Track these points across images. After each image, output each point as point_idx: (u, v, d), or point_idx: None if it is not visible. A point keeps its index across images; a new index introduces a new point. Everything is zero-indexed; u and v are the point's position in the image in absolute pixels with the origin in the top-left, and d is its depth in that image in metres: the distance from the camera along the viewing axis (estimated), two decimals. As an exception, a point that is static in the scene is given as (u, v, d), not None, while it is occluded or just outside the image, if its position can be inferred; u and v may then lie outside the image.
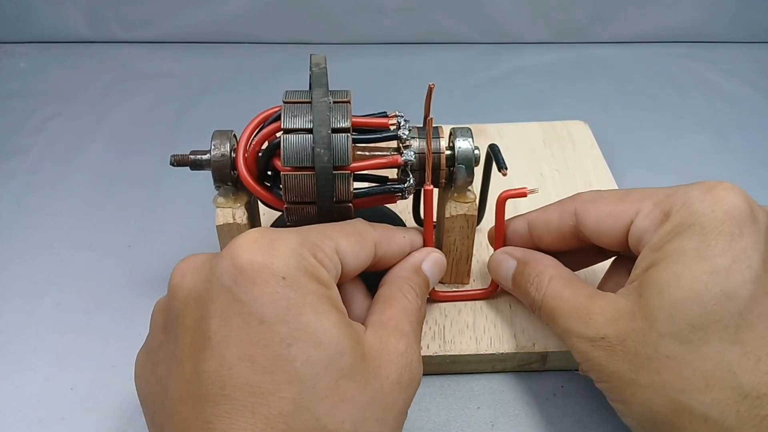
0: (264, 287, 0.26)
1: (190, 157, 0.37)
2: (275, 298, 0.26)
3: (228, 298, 0.26)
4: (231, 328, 0.26)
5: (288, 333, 0.26)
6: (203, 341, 0.26)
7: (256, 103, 0.38)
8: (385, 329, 0.30)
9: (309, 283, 0.27)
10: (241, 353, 0.25)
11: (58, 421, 0.37)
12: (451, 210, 0.38)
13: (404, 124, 0.36)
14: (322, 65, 0.36)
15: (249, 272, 0.26)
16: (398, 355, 0.29)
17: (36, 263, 0.47)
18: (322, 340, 0.26)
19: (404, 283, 0.33)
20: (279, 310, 0.26)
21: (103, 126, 0.61)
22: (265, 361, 0.25)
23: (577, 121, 0.56)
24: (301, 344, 0.26)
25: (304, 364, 0.25)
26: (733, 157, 0.57)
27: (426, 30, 0.71)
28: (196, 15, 0.70)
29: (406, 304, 0.32)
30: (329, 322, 0.26)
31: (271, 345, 0.25)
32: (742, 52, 0.71)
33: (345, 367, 0.26)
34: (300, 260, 0.27)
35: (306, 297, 0.26)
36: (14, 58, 0.70)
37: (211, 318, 0.26)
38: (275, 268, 0.26)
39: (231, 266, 0.26)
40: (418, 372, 0.30)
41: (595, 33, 0.72)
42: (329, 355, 0.26)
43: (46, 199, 0.52)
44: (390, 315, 0.31)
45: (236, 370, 0.25)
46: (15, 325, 0.43)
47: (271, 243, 0.27)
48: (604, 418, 0.37)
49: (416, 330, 0.31)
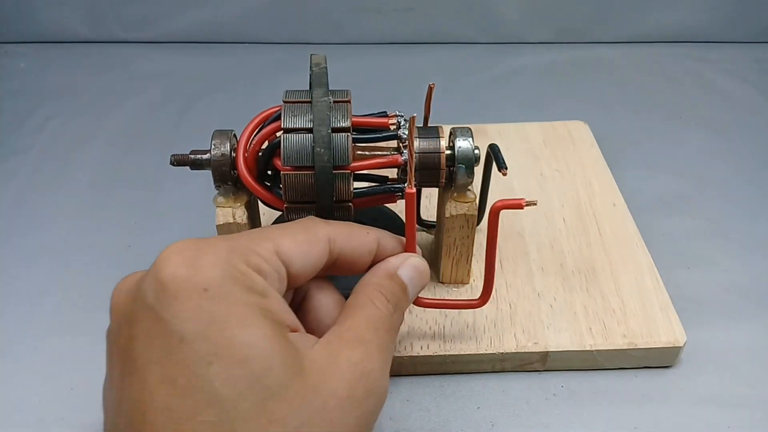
0: (184, 302, 0.24)
1: (190, 156, 0.37)
2: (196, 313, 0.24)
3: (151, 317, 0.24)
4: (153, 349, 0.24)
5: (208, 350, 0.23)
6: (130, 365, 0.25)
7: (256, 103, 0.38)
8: (339, 340, 0.27)
9: (237, 293, 0.25)
10: (162, 375, 0.24)
11: (58, 421, 0.37)
12: (451, 210, 0.38)
13: (404, 123, 0.36)
14: (322, 65, 0.36)
15: (170, 287, 0.24)
16: (351, 365, 0.26)
17: (36, 263, 0.47)
18: (247, 355, 0.24)
19: (373, 289, 0.30)
20: (200, 325, 0.24)
21: (103, 126, 0.61)
22: (184, 382, 0.23)
23: (577, 121, 0.56)
24: (223, 362, 0.23)
25: (225, 384, 0.23)
26: (733, 157, 0.57)
27: (426, 30, 0.71)
28: (196, 15, 0.70)
29: (372, 312, 0.29)
30: (257, 336, 0.24)
31: (190, 365, 0.23)
32: (742, 52, 0.71)
33: (273, 385, 0.24)
34: (227, 269, 0.25)
35: (232, 309, 0.24)
36: (14, 58, 0.70)
37: (136, 339, 0.25)
38: (197, 280, 0.24)
39: (154, 283, 0.25)
40: (380, 384, 0.27)
41: (595, 33, 0.72)
42: (254, 373, 0.24)
43: (46, 199, 0.52)
44: (350, 324, 0.28)
45: (156, 394, 0.23)
46: (15, 325, 0.43)
47: (196, 253, 0.25)
48: (604, 418, 0.37)
49: (382, 339, 0.28)
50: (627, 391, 0.38)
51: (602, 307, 0.40)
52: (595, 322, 0.39)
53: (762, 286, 0.45)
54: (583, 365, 0.39)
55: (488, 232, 0.34)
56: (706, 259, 0.47)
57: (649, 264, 0.43)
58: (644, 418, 0.37)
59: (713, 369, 0.39)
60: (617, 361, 0.39)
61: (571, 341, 0.38)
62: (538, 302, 0.41)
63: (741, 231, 0.49)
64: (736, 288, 0.44)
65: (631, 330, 0.39)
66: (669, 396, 0.38)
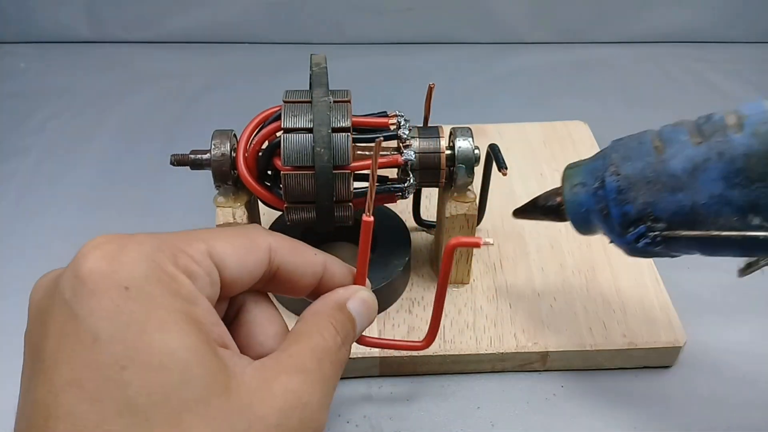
0: (102, 300, 0.22)
1: (190, 156, 0.37)
2: (113, 312, 0.22)
3: (66, 314, 0.23)
4: (64, 348, 0.22)
5: (123, 353, 0.21)
6: (38, 364, 0.23)
7: (256, 103, 0.38)
8: (277, 365, 0.25)
9: (160, 295, 0.23)
10: (70, 377, 0.22)
11: (58, 420, 0.37)
12: (451, 210, 0.38)
13: (404, 123, 0.36)
14: (323, 65, 0.36)
15: (89, 283, 0.22)
16: (285, 392, 0.24)
17: (36, 263, 0.47)
18: (165, 363, 0.22)
19: (323, 319, 0.28)
20: (117, 326, 0.22)
21: (103, 126, 0.61)
22: (93, 386, 0.21)
23: (577, 121, 0.56)
24: (138, 368, 0.21)
25: (139, 392, 0.21)
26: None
27: (426, 30, 0.71)
28: (196, 15, 0.70)
29: (318, 342, 0.27)
30: (178, 344, 0.22)
31: (102, 368, 0.21)
32: (742, 52, 0.71)
33: (192, 398, 0.22)
34: (152, 267, 0.23)
35: (153, 312, 0.22)
36: (14, 58, 0.70)
37: (48, 337, 0.23)
38: (118, 277, 0.23)
39: (72, 277, 0.23)
40: (316, 418, 0.25)
41: (595, 33, 0.72)
42: (171, 383, 0.22)
43: (46, 199, 0.52)
44: (293, 352, 0.26)
45: (62, 398, 0.21)
46: (15, 325, 0.42)
47: (119, 248, 0.24)
48: (604, 418, 0.37)
49: (324, 371, 0.26)
50: (627, 391, 0.38)
51: (602, 307, 0.40)
52: (595, 322, 0.39)
53: (762, 286, 0.45)
54: (583, 365, 0.39)
55: (441, 270, 0.30)
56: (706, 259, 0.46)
57: (649, 264, 0.43)
58: (644, 418, 0.37)
59: (713, 369, 0.39)
60: (617, 361, 0.39)
61: (571, 341, 0.38)
62: (538, 302, 0.41)
63: (741, 231, 0.49)
64: (736, 288, 0.44)
65: (631, 330, 0.39)
66: (669, 396, 0.38)
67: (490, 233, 0.45)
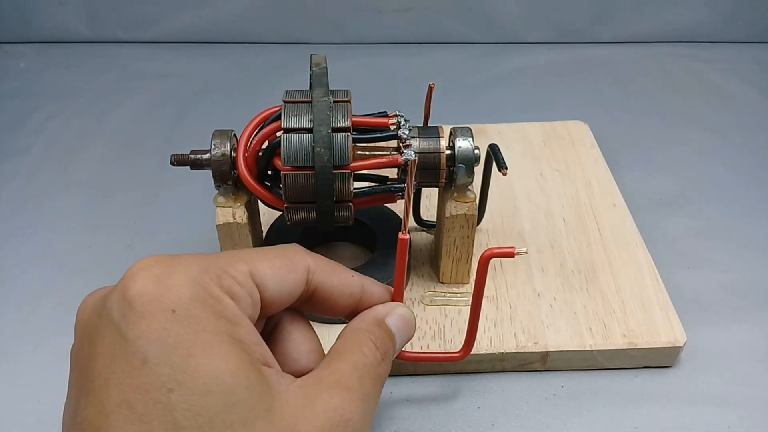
0: (151, 323, 0.23)
1: (190, 156, 0.37)
2: (161, 335, 0.23)
3: (114, 336, 0.23)
4: (114, 370, 0.23)
5: (170, 376, 0.22)
6: (88, 384, 0.23)
7: (256, 103, 0.38)
8: (319, 384, 0.25)
9: (205, 318, 0.23)
10: (120, 399, 0.22)
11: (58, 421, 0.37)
12: (451, 210, 0.38)
13: (404, 123, 0.36)
14: (323, 65, 0.36)
15: (137, 306, 0.23)
16: (328, 410, 0.24)
17: (36, 263, 0.47)
18: (210, 387, 0.22)
19: (363, 335, 0.28)
20: (164, 349, 0.22)
21: (103, 126, 0.61)
22: (142, 408, 0.22)
23: (577, 121, 0.56)
24: (184, 390, 0.22)
25: (185, 415, 0.22)
26: (733, 158, 0.57)
27: (426, 30, 0.71)
28: (196, 15, 0.70)
29: (359, 358, 0.27)
30: (223, 366, 0.23)
31: (151, 390, 0.22)
32: (742, 52, 0.71)
33: (237, 421, 0.22)
34: (197, 290, 0.24)
35: (198, 335, 0.23)
36: (14, 58, 0.70)
37: (97, 358, 0.23)
38: (165, 300, 0.23)
39: (121, 300, 0.24)
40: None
41: (595, 33, 0.72)
42: (216, 406, 0.22)
43: (46, 199, 0.52)
44: (334, 369, 0.26)
45: (112, 418, 0.22)
46: (15, 325, 0.43)
47: (166, 271, 0.24)
48: (604, 418, 0.37)
49: (366, 388, 0.26)
50: (627, 391, 0.38)
51: (602, 307, 0.40)
52: (595, 322, 0.39)
53: (762, 286, 0.45)
54: (583, 365, 0.39)
55: (476, 282, 0.31)
56: (706, 259, 0.47)
57: (649, 264, 0.43)
58: (644, 418, 0.37)
59: (713, 369, 0.39)
60: (617, 361, 0.39)
61: (571, 341, 0.38)
62: (538, 302, 0.41)
63: (741, 231, 0.49)
64: (736, 288, 0.44)
65: (631, 330, 0.39)
66: (669, 396, 0.38)
67: (490, 233, 0.45)
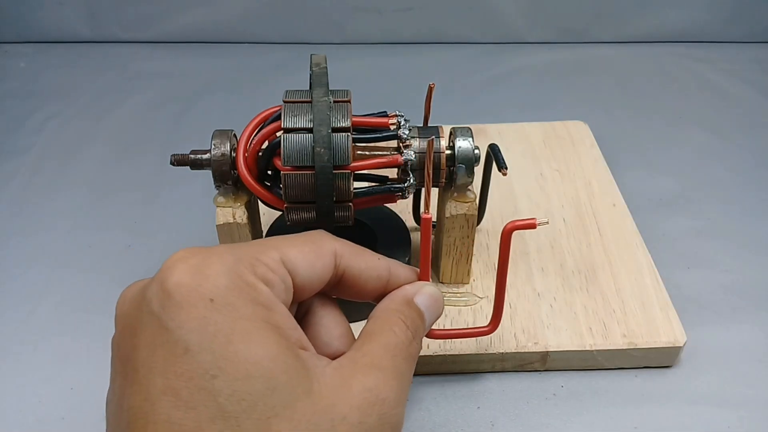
0: (190, 312, 0.24)
1: (190, 156, 0.37)
2: (201, 324, 0.24)
3: (156, 326, 0.24)
4: (156, 359, 0.24)
5: (212, 363, 0.23)
6: (132, 374, 0.24)
7: (256, 103, 0.38)
8: (354, 365, 0.26)
9: (243, 305, 0.24)
10: (164, 386, 0.23)
11: (58, 421, 0.37)
12: (451, 210, 0.38)
13: (404, 123, 0.36)
14: (323, 65, 0.36)
15: (176, 296, 0.24)
16: (363, 391, 0.25)
17: (36, 263, 0.47)
18: (251, 372, 0.23)
19: (393, 315, 0.29)
20: (205, 337, 0.23)
21: (103, 126, 0.61)
22: (187, 394, 0.23)
23: (577, 121, 0.56)
24: (227, 376, 0.23)
25: (229, 399, 0.23)
26: (733, 157, 0.57)
27: (426, 30, 0.71)
28: (196, 15, 0.70)
29: (390, 338, 0.28)
30: (262, 352, 0.24)
31: (194, 377, 0.23)
32: (742, 52, 0.71)
33: (279, 404, 0.23)
34: (234, 279, 0.25)
35: (237, 322, 0.24)
36: (14, 58, 0.70)
37: (140, 348, 0.24)
38: (203, 290, 0.24)
39: (160, 291, 0.24)
40: (394, 413, 0.26)
41: (595, 33, 0.72)
42: (258, 390, 0.23)
43: (46, 199, 0.52)
44: (367, 350, 0.27)
45: (158, 405, 0.23)
46: (15, 325, 0.43)
47: (202, 262, 0.25)
48: (604, 418, 0.37)
49: (399, 367, 0.27)
50: (627, 391, 0.38)
51: (602, 307, 0.40)
52: (595, 322, 0.39)
53: (762, 286, 0.45)
54: (583, 365, 0.39)
55: (500, 254, 0.33)
56: (706, 259, 0.47)
57: (649, 264, 0.43)
58: (644, 418, 0.37)
59: (713, 369, 0.39)
60: (617, 361, 0.39)
61: (571, 341, 0.38)
62: (538, 302, 0.41)
63: (741, 231, 0.49)
64: (736, 288, 0.44)
65: (631, 330, 0.39)
66: (669, 396, 0.38)
67: (489, 233, 0.45)
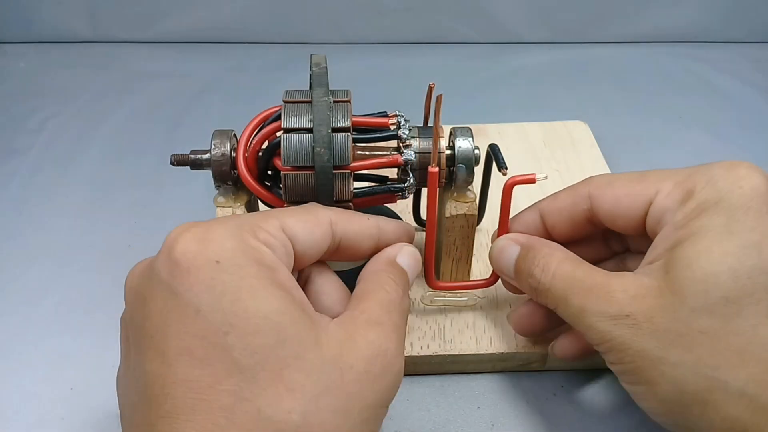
0: (198, 275, 0.25)
1: (190, 156, 0.37)
2: (210, 285, 0.25)
3: (166, 293, 0.25)
4: (169, 323, 0.25)
5: (224, 320, 0.24)
6: (147, 341, 0.25)
7: (256, 103, 0.38)
8: (353, 321, 0.28)
9: (248, 265, 0.25)
10: (179, 347, 0.24)
11: (58, 421, 0.37)
12: (451, 210, 0.38)
13: (404, 123, 0.36)
14: (323, 65, 0.36)
15: (183, 262, 0.25)
16: (367, 343, 0.27)
17: (36, 263, 0.47)
18: (261, 327, 0.24)
19: (382, 275, 0.31)
20: (214, 297, 0.25)
21: (103, 126, 0.61)
22: (203, 353, 0.24)
23: (577, 121, 0.56)
24: (238, 332, 0.24)
25: (242, 354, 0.24)
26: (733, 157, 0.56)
27: (426, 30, 0.71)
28: (196, 15, 0.70)
29: (383, 296, 0.29)
30: (270, 307, 0.25)
31: (208, 335, 0.24)
32: (742, 52, 0.71)
33: (289, 355, 0.25)
34: (238, 242, 0.26)
35: (243, 280, 0.25)
36: (14, 58, 0.70)
37: (152, 316, 0.25)
38: (208, 253, 0.25)
39: (167, 260, 0.26)
40: (395, 363, 0.28)
41: (595, 33, 0.72)
42: (269, 343, 0.24)
43: (46, 199, 0.52)
44: (364, 308, 0.29)
45: (175, 366, 0.24)
46: (15, 325, 0.43)
47: (206, 230, 0.26)
48: (604, 418, 0.37)
49: (395, 321, 0.29)
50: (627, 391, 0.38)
51: (602, 307, 0.40)
52: (595, 322, 0.39)
53: (762, 286, 0.45)
54: (583, 365, 0.39)
55: (501, 209, 0.36)
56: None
57: (649, 264, 0.43)
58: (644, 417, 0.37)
59: (713, 369, 0.39)
60: (617, 361, 0.39)
61: (571, 341, 0.38)
62: (538, 302, 0.41)
63: (741, 231, 0.49)
64: (736, 288, 0.44)
65: (631, 330, 0.39)
66: (669, 396, 0.38)
67: (490, 233, 0.45)
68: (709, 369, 0.27)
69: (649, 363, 0.28)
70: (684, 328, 0.28)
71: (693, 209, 0.29)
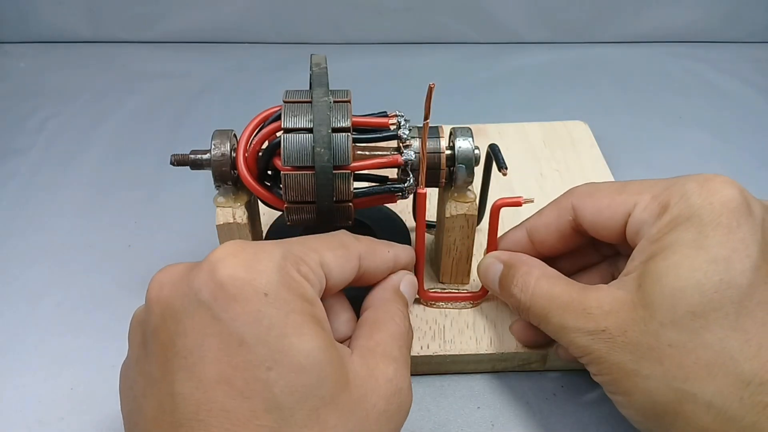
0: (245, 305, 0.25)
1: (190, 156, 0.37)
2: (257, 317, 0.24)
3: (206, 316, 0.25)
4: (208, 348, 0.24)
5: (268, 355, 0.24)
6: (179, 360, 0.25)
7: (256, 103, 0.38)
8: (373, 355, 0.28)
9: (293, 300, 0.26)
10: (218, 376, 0.24)
11: (58, 421, 0.37)
12: (451, 210, 0.38)
13: (404, 123, 0.36)
14: (323, 65, 0.36)
15: (230, 288, 0.25)
16: (386, 381, 0.27)
17: (36, 263, 0.47)
18: (303, 365, 0.24)
19: (391, 306, 0.32)
20: (260, 330, 0.24)
21: (102, 126, 0.61)
22: (243, 385, 0.24)
23: (577, 121, 0.56)
24: (282, 368, 0.24)
25: (284, 391, 0.24)
26: (733, 157, 0.57)
27: (426, 30, 0.71)
28: (196, 15, 0.70)
29: (394, 328, 0.30)
30: (313, 345, 0.25)
31: (250, 368, 0.24)
32: (742, 52, 0.71)
33: (327, 395, 0.25)
34: (283, 275, 0.26)
35: (289, 316, 0.25)
36: (14, 58, 0.70)
37: (187, 336, 0.25)
38: (257, 285, 0.25)
39: (210, 281, 0.25)
40: (407, 400, 0.28)
41: (595, 33, 0.72)
42: (310, 382, 0.24)
43: (46, 199, 0.52)
44: (378, 340, 0.29)
45: (212, 394, 0.24)
46: (15, 325, 0.43)
47: (254, 257, 0.26)
48: (604, 418, 0.37)
49: (405, 355, 0.30)
50: (627, 391, 0.38)
51: (602, 307, 0.40)
52: (595, 322, 0.39)
53: (762, 286, 0.44)
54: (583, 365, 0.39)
55: (489, 229, 0.37)
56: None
57: (649, 264, 0.43)
58: (644, 418, 0.37)
59: (713, 369, 0.39)
60: (617, 361, 0.39)
61: (571, 341, 0.38)
62: (538, 302, 0.41)
63: (741, 231, 0.49)
64: (736, 288, 0.44)
65: (631, 330, 0.39)
66: (669, 396, 0.38)
67: (490, 233, 0.45)
68: (678, 381, 0.28)
69: (624, 375, 0.29)
70: (654, 342, 0.28)
71: (667, 224, 0.30)
